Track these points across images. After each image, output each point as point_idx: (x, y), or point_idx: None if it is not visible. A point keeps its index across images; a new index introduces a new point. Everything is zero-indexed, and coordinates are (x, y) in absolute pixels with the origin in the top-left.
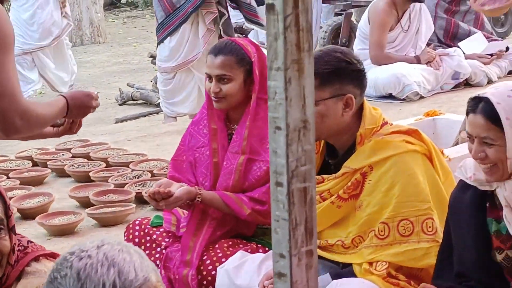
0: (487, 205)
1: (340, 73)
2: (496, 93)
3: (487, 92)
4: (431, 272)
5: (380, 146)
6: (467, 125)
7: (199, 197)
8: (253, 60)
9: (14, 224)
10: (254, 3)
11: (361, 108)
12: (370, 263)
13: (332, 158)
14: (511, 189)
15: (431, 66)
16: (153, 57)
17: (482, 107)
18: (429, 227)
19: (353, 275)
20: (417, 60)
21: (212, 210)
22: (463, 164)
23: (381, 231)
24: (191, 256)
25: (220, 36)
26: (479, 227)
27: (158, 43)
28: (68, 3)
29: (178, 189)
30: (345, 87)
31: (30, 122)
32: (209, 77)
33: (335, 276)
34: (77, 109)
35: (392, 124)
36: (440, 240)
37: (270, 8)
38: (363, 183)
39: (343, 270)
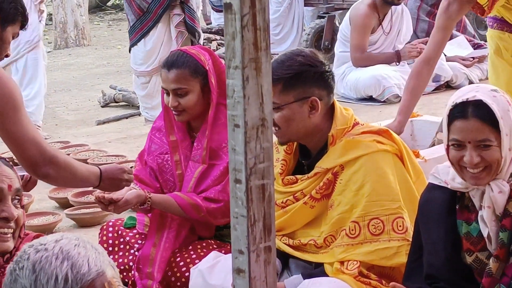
0: (457, 207)
1: (302, 77)
2: (484, 95)
3: (476, 95)
4: (403, 271)
5: (351, 146)
6: (456, 132)
7: (149, 201)
8: (207, 68)
9: (24, 204)
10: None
11: (332, 109)
12: (342, 263)
13: (306, 159)
14: (497, 189)
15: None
16: None
17: (474, 111)
18: (400, 226)
19: (325, 275)
20: (397, 55)
21: (171, 215)
22: (435, 171)
23: (352, 230)
24: (152, 269)
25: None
26: (449, 228)
27: (131, 46)
28: (52, 6)
29: (128, 192)
30: (309, 90)
31: (59, 168)
32: (166, 91)
33: (308, 276)
34: (109, 182)
35: (363, 124)
36: (411, 239)
37: (228, 7)
38: (334, 182)
39: (315, 270)
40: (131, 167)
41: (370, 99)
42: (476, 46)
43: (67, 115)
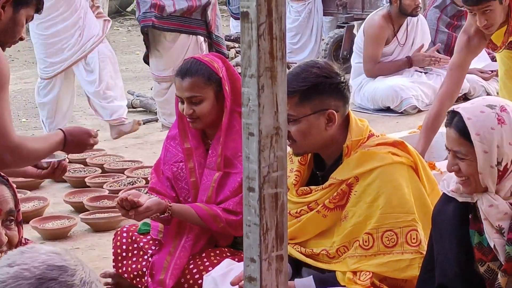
0: (470, 217)
1: (319, 89)
2: (470, 108)
3: (460, 106)
4: (415, 283)
5: (366, 158)
6: (445, 138)
7: (169, 210)
8: (221, 75)
9: (21, 218)
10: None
11: (347, 119)
12: (354, 273)
13: (320, 170)
14: (488, 203)
15: (425, 70)
16: None
17: (455, 122)
18: (413, 238)
19: (335, 279)
20: (409, 62)
21: (190, 224)
22: (446, 178)
23: (366, 241)
24: (164, 276)
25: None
26: (462, 239)
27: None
28: None
29: (148, 199)
30: (326, 102)
31: (21, 157)
32: (181, 99)
33: (319, 282)
34: (74, 145)
35: (378, 135)
36: (424, 252)
37: (244, 16)
38: (349, 194)
39: (327, 275)
40: (97, 131)
41: (388, 110)
42: (494, 59)
43: (85, 120)
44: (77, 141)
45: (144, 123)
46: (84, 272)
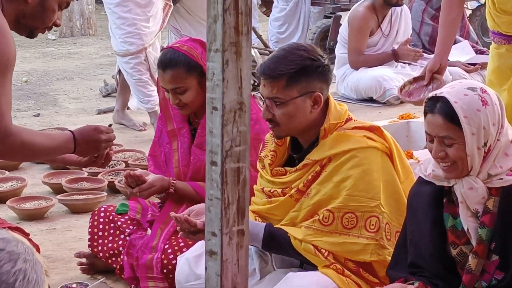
0: (444, 200)
1: (306, 71)
2: (453, 92)
3: (443, 91)
4: (375, 265)
5: (340, 140)
6: (426, 125)
7: (172, 186)
8: (201, 63)
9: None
10: None
11: (326, 103)
12: (315, 246)
13: (297, 153)
14: (468, 185)
15: (409, 64)
16: None
17: (440, 107)
18: (372, 225)
19: (287, 240)
20: (394, 54)
21: (187, 202)
22: (423, 162)
23: (326, 218)
24: (157, 241)
25: None
26: (436, 221)
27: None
28: None
29: (152, 176)
30: (312, 84)
31: (14, 147)
32: (165, 89)
33: (269, 234)
34: (86, 145)
35: (356, 120)
36: (381, 240)
37: None
38: (319, 174)
39: (279, 231)
40: (110, 125)
41: (370, 100)
42: (478, 52)
43: (68, 103)
44: (87, 140)
45: (128, 108)
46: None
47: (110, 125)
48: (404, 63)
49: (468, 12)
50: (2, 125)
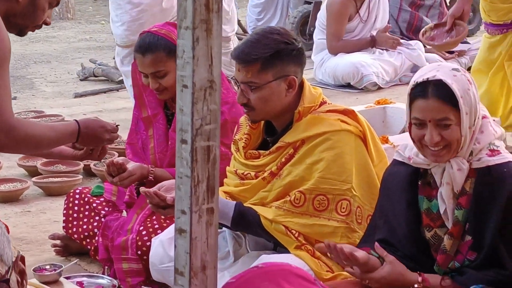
0: (419, 182)
1: (280, 55)
2: (444, 74)
3: (435, 75)
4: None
5: (314, 122)
6: (417, 111)
7: (151, 173)
8: None
9: None
10: None
11: (300, 86)
12: (286, 226)
13: (270, 136)
14: (457, 166)
15: (387, 50)
16: None
17: (435, 90)
18: (343, 208)
19: (257, 220)
20: (373, 41)
21: None
22: (400, 147)
23: (297, 199)
24: (133, 225)
25: None
26: (411, 203)
27: None
28: None
29: (131, 164)
30: (287, 68)
31: (17, 140)
32: (144, 74)
33: (238, 213)
34: (88, 138)
35: (330, 103)
36: (351, 223)
37: None
38: (293, 156)
39: (249, 210)
40: (117, 125)
41: (348, 86)
42: None
43: (45, 87)
44: (92, 135)
45: (105, 92)
46: None
47: (117, 125)
48: (382, 49)
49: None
50: (4, 119)
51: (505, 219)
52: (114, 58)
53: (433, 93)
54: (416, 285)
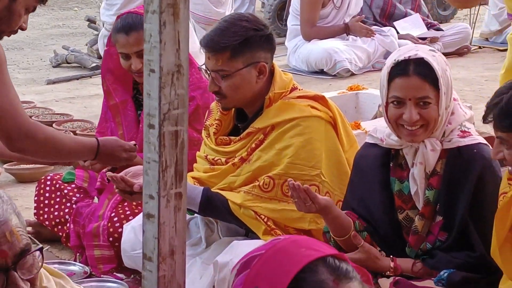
0: (391, 164)
1: (250, 42)
2: (425, 54)
3: (416, 53)
4: (315, 235)
5: (284, 108)
6: (396, 90)
7: None
8: None
9: None
10: None
11: (271, 72)
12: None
13: (241, 122)
14: (430, 147)
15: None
16: (91, 20)
17: (416, 68)
18: None
19: (225, 205)
20: (346, 28)
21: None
22: (372, 130)
23: (266, 184)
24: (104, 211)
25: None
26: (383, 185)
27: None
28: None
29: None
30: (257, 55)
31: (38, 144)
32: (125, 55)
33: (206, 198)
34: (106, 156)
35: (301, 89)
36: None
37: None
38: (262, 141)
39: (216, 195)
40: (134, 145)
41: (321, 72)
42: (429, 26)
43: (18, 74)
44: (109, 153)
45: (78, 78)
46: None
47: (134, 145)
48: (356, 36)
49: None
50: (21, 121)
51: (475, 199)
52: (86, 45)
53: (415, 71)
54: (387, 273)
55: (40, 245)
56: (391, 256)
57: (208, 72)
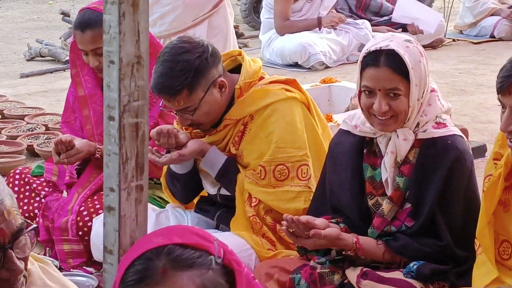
0: (365, 151)
1: (199, 70)
2: (397, 45)
3: (388, 44)
4: None
5: (259, 95)
6: (368, 80)
7: (98, 151)
8: None
9: None
10: None
11: (235, 60)
12: (250, 195)
13: None
14: (403, 136)
15: (334, 28)
16: (65, 14)
17: (387, 60)
18: (304, 173)
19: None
20: (319, 22)
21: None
22: (347, 117)
23: (258, 173)
24: (73, 205)
25: None
26: (356, 171)
27: None
28: None
29: (79, 142)
30: (210, 75)
31: None
32: (84, 52)
33: (225, 168)
34: None
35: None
36: (312, 187)
37: None
38: (243, 132)
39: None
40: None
41: (296, 65)
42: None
43: None
44: None
45: (51, 72)
46: None
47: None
48: (330, 28)
49: None
50: None
51: (444, 189)
52: (61, 38)
53: (385, 63)
54: (349, 252)
55: (35, 225)
56: (354, 234)
57: (173, 112)
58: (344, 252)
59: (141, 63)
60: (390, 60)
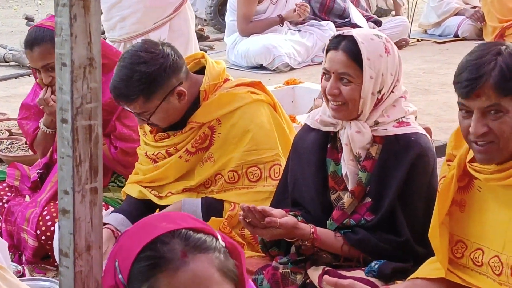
0: (329, 146)
1: (156, 81)
2: (361, 34)
3: (352, 31)
4: None
5: (226, 99)
6: (327, 62)
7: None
8: None
9: None
10: None
11: (199, 63)
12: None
13: None
14: (356, 128)
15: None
16: (29, 18)
17: (345, 45)
18: (276, 172)
19: (221, 207)
20: (280, 19)
21: None
22: (312, 113)
23: (231, 178)
24: (44, 197)
25: None
26: (319, 166)
27: None
28: None
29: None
30: (169, 85)
31: None
32: (36, 70)
33: (206, 206)
34: None
35: (234, 80)
36: None
37: None
38: (212, 136)
39: (215, 201)
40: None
41: (261, 67)
42: (367, 19)
43: None
44: None
45: (16, 77)
46: None
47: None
48: (294, 30)
49: None
50: None
51: (406, 185)
52: None
53: (344, 47)
54: (306, 242)
55: None
56: (311, 225)
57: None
58: (301, 243)
59: (93, 65)
60: (348, 46)
